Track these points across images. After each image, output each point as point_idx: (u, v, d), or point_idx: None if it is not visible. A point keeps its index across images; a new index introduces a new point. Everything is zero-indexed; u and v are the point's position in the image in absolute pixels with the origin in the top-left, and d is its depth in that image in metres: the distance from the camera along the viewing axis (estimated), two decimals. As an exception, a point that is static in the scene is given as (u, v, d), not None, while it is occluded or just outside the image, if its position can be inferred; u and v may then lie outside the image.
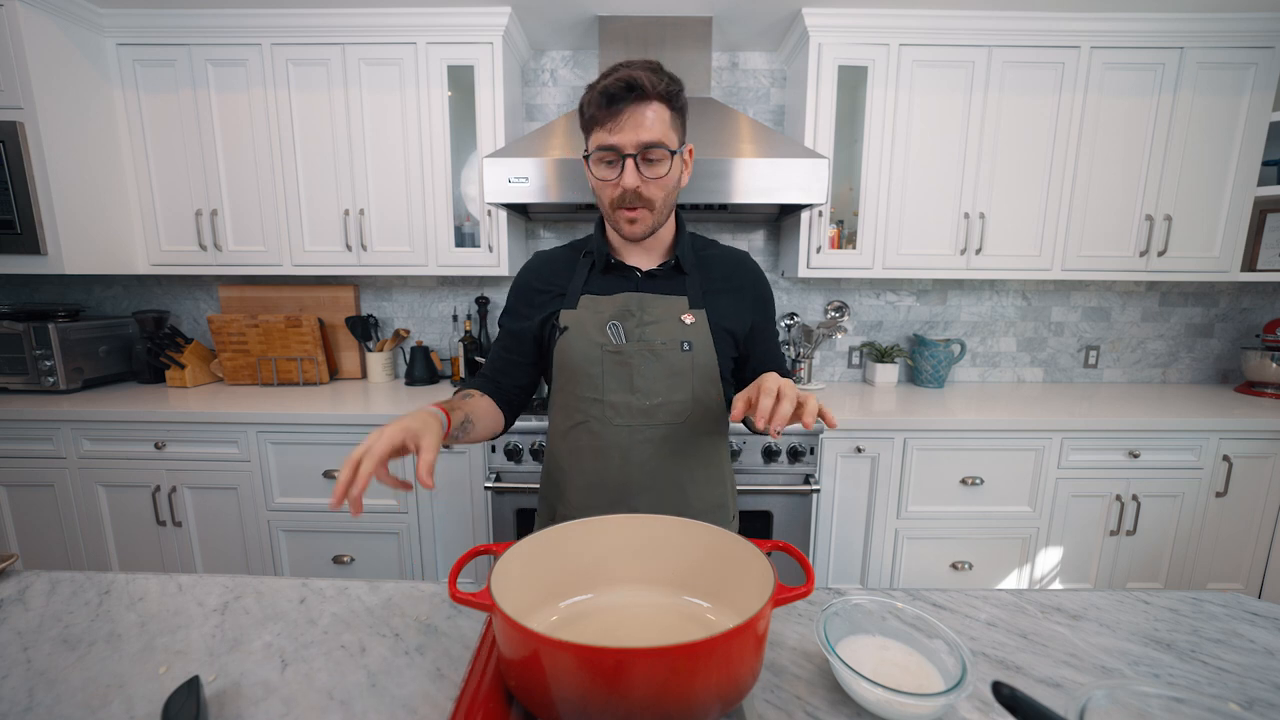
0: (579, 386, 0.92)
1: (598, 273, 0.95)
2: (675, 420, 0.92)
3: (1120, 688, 0.49)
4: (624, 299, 0.91)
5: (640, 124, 0.80)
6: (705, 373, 0.92)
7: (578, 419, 0.93)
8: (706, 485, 0.97)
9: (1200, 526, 1.90)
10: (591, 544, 0.71)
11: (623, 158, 0.81)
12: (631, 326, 0.90)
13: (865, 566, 1.93)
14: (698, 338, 0.91)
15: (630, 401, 0.90)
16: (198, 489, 1.89)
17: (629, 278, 0.94)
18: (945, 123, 1.98)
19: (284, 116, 1.99)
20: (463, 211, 2.14)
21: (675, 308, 0.92)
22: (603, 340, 0.90)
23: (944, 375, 2.31)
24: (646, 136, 0.80)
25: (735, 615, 0.63)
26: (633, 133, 0.80)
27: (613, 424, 0.91)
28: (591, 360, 0.90)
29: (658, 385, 0.90)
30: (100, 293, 2.45)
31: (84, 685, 0.63)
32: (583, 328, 0.91)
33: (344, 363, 2.40)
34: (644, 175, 0.83)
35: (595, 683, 0.48)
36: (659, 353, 0.90)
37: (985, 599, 0.81)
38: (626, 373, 0.90)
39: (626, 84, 0.79)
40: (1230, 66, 1.94)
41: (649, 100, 0.80)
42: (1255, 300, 2.39)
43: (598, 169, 0.85)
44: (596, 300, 0.92)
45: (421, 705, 0.60)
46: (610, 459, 0.92)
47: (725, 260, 0.99)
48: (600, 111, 0.81)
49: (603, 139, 0.82)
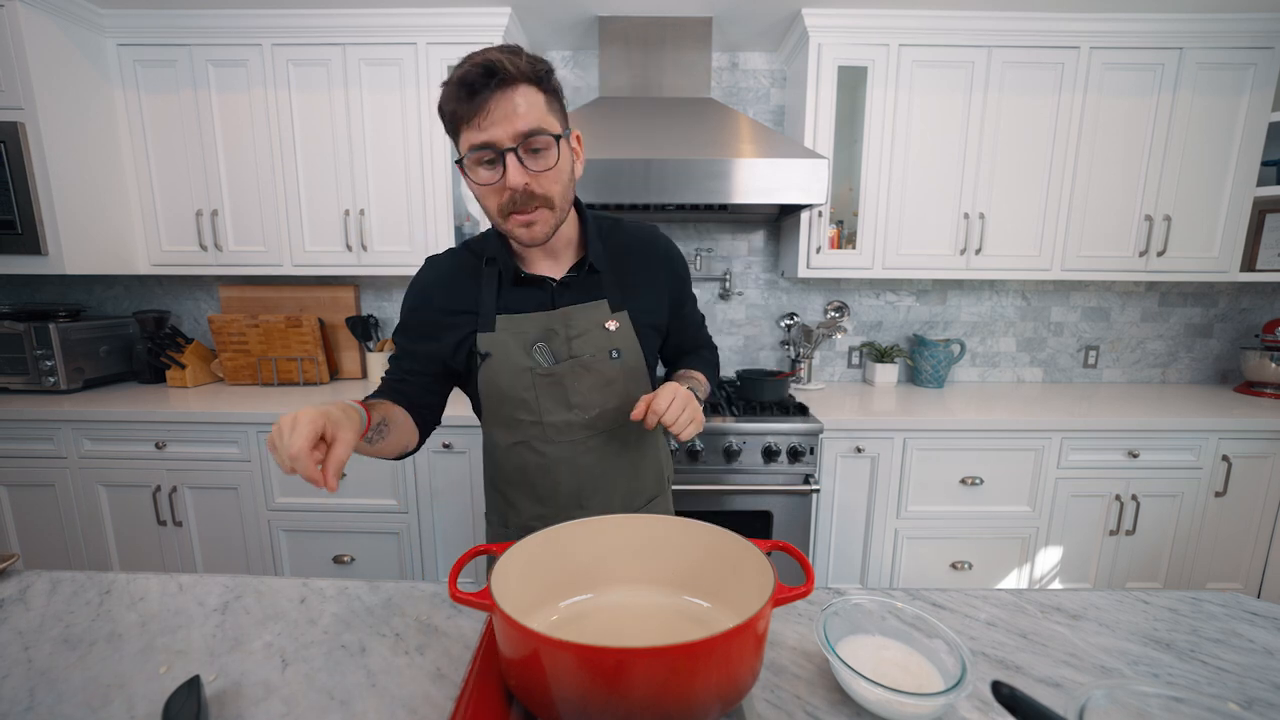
0: (513, 409, 0.88)
1: (508, 286, 0.86)
2: (612, 425, 0.91)
3: (1120, 687, 0.49)
4: (544, 318, 0.85)
5: (512, 112, 0.69)
6: (634, 374, 0.91)
7: (518, 437, 0.90)
8: (647, 470, 0.99)
9: (1200, 526, 1.90)
10: (591, 544, 0.71)
11: (501, 154, 0.71)
12: (558, 345, 0.86)
13: (865, 566, 1.93)
14: (624, 342, 0.89)
15: (569, 419, 0.88)
16: (198, 489, 1.89)
17: (544, 289, 0.87)
18: (945, 123, 1.98)
19: (284, 116, 1.99)
20: (463, 211, 2.14)
21: (598, 315, 0.87)
22: (531, 364, 0.85)
23: (944, 375, 2.31)
24: (523, 125, 0.70)
25: (735, 615, 0.63)
26: (506, 123, 0.69)
27: (554, 441, 0.89)
28: (523, 385, 0.86)
29: (593, 397, 0.88)
30: (101, 293, 2.45)
31: (85, 685, 0.63)
32: (506, 352, 0.85)
33: (344, 363, 2.40)
34: (530, 169, 0.72)
35: (595, 683, 0.48)
36: (589, 366, 0.87)
37: (985, 599, 0.81)
38: (561, 392, 0.87)
39: (485, 69, 0.68)
40: (1230, 67, 1.95)
41: (515, 84, 0.70)
42: (1255, 300, 2.39)
43: (476, 172, 0.73)
44: (514, 320, 0.85)
45: (421, 705, 0.60)
46: (558, 472, 0.91)
47: (636, 247, 0.93)
48: (462, 106, 0.70)
49: (474, 137, 0.71)
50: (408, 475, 1.86)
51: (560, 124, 0.76)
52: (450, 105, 0.72)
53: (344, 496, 1.88)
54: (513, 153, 0.71)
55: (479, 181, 0.74)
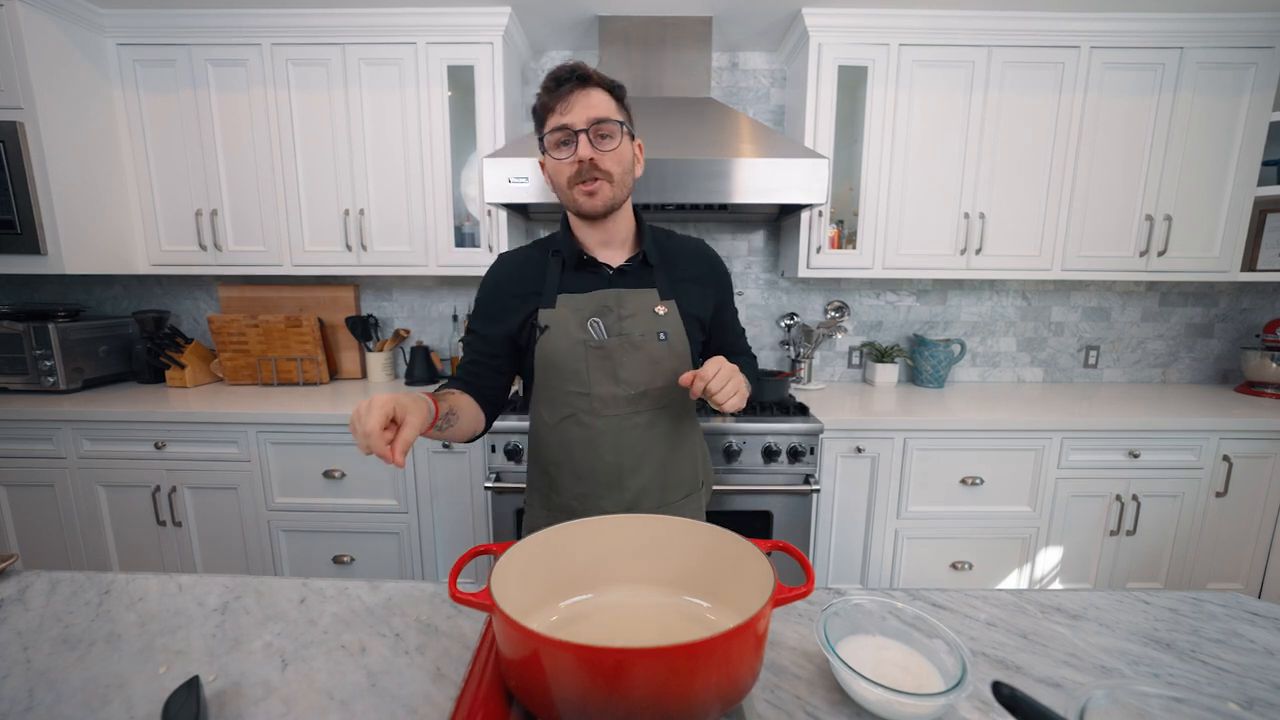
0: (564, 382, 0.96)
1: (570, 271, 0.98)
2: (656, 405, 0.98)
3: (1120, 688, 0.49)
4: (601, 296, 0.96)
5: (589, 104, 0.87)
6: (679, 358, 0.98)
7: (566, 412, 0.97)
8: (686, 460, 1.06)
9: (1200, 526, 1.90)
10: (591, 544, 0.71)
11: (576, 134, 0.87)
12: (611, 322, 0.95)
13: (865, 566, 1.93)
14: (671, 327, 0.97)
15: (615, 392, 0.96)
16: (198, 489, 1.89)
17: (601, 274, 0.98)
18: (945, 123, 1.98)
19: (284, 116, 1.99)
20: (463, 211, 2.14)
21: (649, 300, 0.97)
22: (585, 337, 0.95)
23: (944, 375, 2.31)
24: (595, 113, 0.87)
25: (735, 615, 0.63)
26: (582, 111, 0.87)
27: (601, 414, 0.96)
28: (575, 356, 0.95)
29: (639, 375, 0.96)
30: (100, 293, 2.45)
31: (84, 685, 0.63)
32: (564, 326, 0.95)
33: (344, 363, 2.40)
34: (597, 149, 0.88)
35: (595, 683, 0.48)
36: (638, 344, 0.95)
37: (985, 599, 0.81)
38: (610, 366, 0.95)
39: (572, 69, 0.88)
40: (1230, 66, 1.94)
41: (593, 85, 0.89)
42: (1255, 300, 2.39)
43: (554, 151, 0.90)
44: (574, 299, 0.96)
45: (421, 705, 0.60)
46: (601, 447, 0.97)
47: (686, 250, 1.05)
48: (550, 97, 0.88)
49: (555, 120, 0.88)
50: (407, 475, 1.86)
51: (627, 120, 0.92)
52: (542, 99, 0.90)
53: (344, 496, 1.88)
54: (584, 133, 0.87)
55: (555, 157, 0.90)
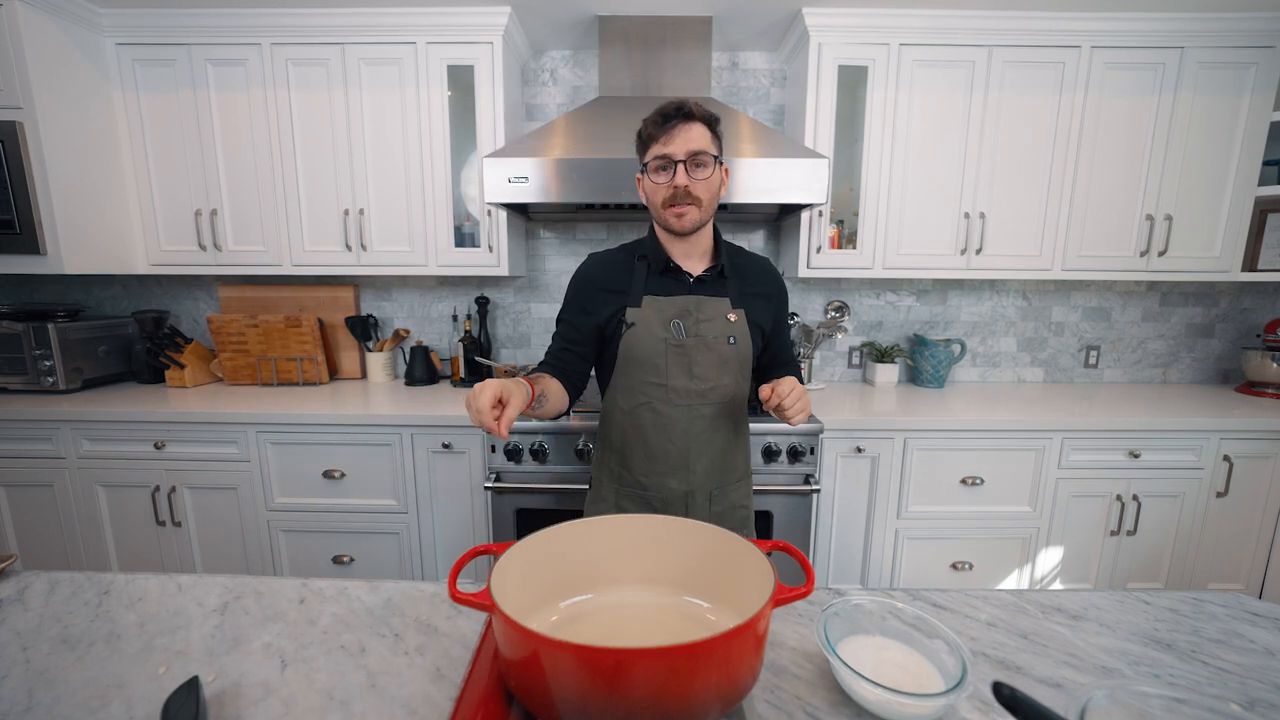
0: (644, 373, 1.09)
1: (655, 275, 1.11)
2: (722, 400, 1.11)
3: (1121, 688, 0.49)
4: (683, 301, 1.09)
5: (689, 137, 1.00)
6: (744, 361, 1.12)
7: (641, 400, 1.11)
8: (741, 450, 1.19)
9: (1201, 527, 1.90)
10: (591, 544, 0.71)
11: (675, 163, 1.00)
12: (690, 324, 1.08)
13: (865, 566, 1.93)
14: (740, 333, 1.11)
15: (688, 386, 1.09)
16: (197, 489, 1.89)
17: (683, 281, 1.11)
18: (945, 123, 1.98)
19: (284, 116, 1.99)
20: (463, 211, 2.13)
21: (722, 308, 1.11)
22: (667, 335, 1.08)
23: (944, 375, 2.31)
24: (694, 145, 1.00)
25: (735, 615, 0.63)
26: (683, 143, 1.00)
27: (674, 404, 1.09)
28: (657, 352, 1.08)
29: (710, 372, 1.09)
30: (100, 293, 2.45)
31: (83, 685, 0.62)
32: (648, 324, 1.08)
33: (344, 363, 2.40)
34: (692, 177, 1.01)
35: (595, 683, 0.48)
36: (711, 346, 1.09)
37: (985, 599, 0.81)
38: (686, 362, 1.08)
39: (678, 106, 1.00)
40: (1230, 66, 1.94)
41: (695, 120, 1.01)
42: (1256, 300, 2.39)
43: (654, 176, 1.03)
44: (658, 300, 1.09)
45: (421, 705, 0.60)
46: (672, 433, 1.10)
47: (754, 267, 1.19)
48: (656, 129, 1.01)
49: (658, 150, 1.01)
50: (407, 475, 1.86)
51: (719, 151, 1.05)
52: (649, 130, 1.03)
53: (344, 496, 1.88)
54: (683, 163, 1.00)
55: (655, 181, 1.04)
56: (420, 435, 1.83)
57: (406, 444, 1.83)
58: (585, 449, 1.71)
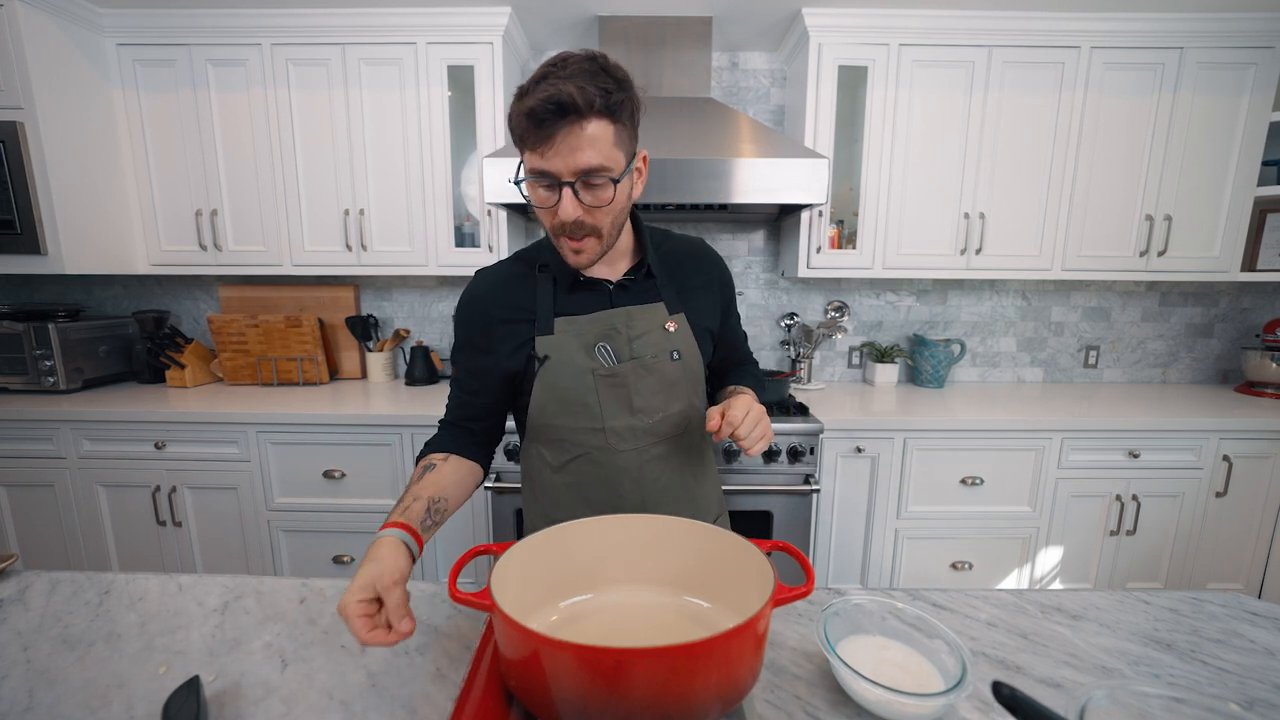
0: (573, 417, 0.85)
1: (563, 291, 0.85)
2: (675, 432, 0.89)
3: (1120, 688, 0.49)
4: (606, 317, 0.84)
5: (576, 147, 0.69)
6: (693, 377, 0.89)
7: (575, 453, 0.87)
8: (707, 484, 0.97)
9: (1200, 526, 1.90)
10: (591, 544, 0.71)
11: (560, 185, 0.71)
12: (621, 345, 0.84)
13: (865, 566, 1.93)
14: (684, 344, 0.87)
15: (632, 423, 0.85)
16: (198, 489, 1.89)
17: (600, 291, 0.85)
18: (945, 123, 1.98)
19: (284, 116, 1.99)
20: (463, 211, 2.13)
21: (657, 316, 0.86)
22: (593, 365, 0.83)
23: (944, 375, 2.31)
24: (584, 162, 0.69)
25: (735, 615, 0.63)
26: (569, 157, 0.69)
27: (618, 450, 0.85)
28: (584, 388, 0.83)
29: (655, 401, 0.86)
30: (100, 293, 2.45)
31: (84, 685, 0.63)
32: (567, 353, 0.83)
33: (344, 363, 2.40)
34: (585, 204, 0.73)
35: (595, 683, 0.48)
36: (651, 367, 0.85)
37: (985, 599, 0.81)
38: (624, 394, 0.84)
39: (556, 105, 0.66)
40: (1230, 66, 1.94)
41: (585, 119, 0.68)
42: (1255, 300, 2.39)
43: (534, 193, 0.75)
44: (574, 322, 0.83)
45: (421, 705, 0.60)
46: (621, 485, 0.87)
47: (687, 253, 0.93)
48: (529, 133, 0.70)
49: (535, 163, 0.71)
50: (407, 475, 1.86)
51: (626, 155, 0.75)
52: (519, 129, 0.71)
53: (344, 496, 1.88)
54: (570, 186, 0.71)
55: (536, 202, 0.76)
56: (420, 435, 1.83)
57: (407, 444, 1.83)
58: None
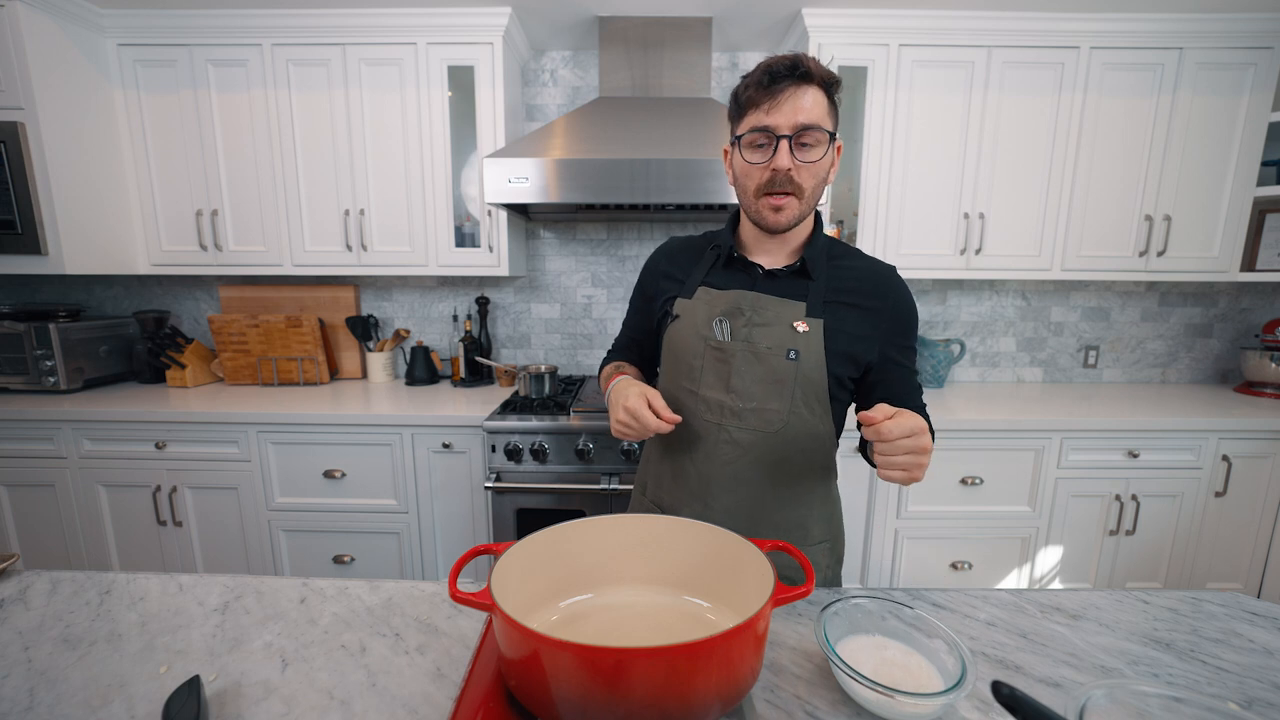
0: (679, 375, 0.92)
1: (720, 266, 0.92)
2: (766, 429, 0.86)
3: (1120, 687, 0.49)
4: (736, 296, 0.88)
5: (799, 106, 0.77)
6: (811, 388, 0.85)
7: (674, 407, 0.89)
8: (791, 504, 0.91)
9: (1199, 526, 1.90)
10: (591, 544, 0.71)
11: (777, 139, 0.78)
12: (738, 325, 0.87)
13: (865, 566, 1.93)
14: (808, 348, 0.84)
15: (724, 400, 0.87)
16: (198, 489, 1.89)
17: (751, 274, 0.90)
18: (945, 123, 1.98)
19: (284, 116, 1.99)
20: (463, 211, 2.13)
21: (789, 312, 0.85)
22: (707, 334, 0.88)
23: (944, 375, 2.31)
24: (804, 118, 0.77)
25: (735, 615, 0.63)
26: (790, 113, 0.77)
27: (702, 417, 0.89)
28: (694, 352, 0.89)
29: (754, 389, 0.86)
30: (101, 293, 2.45)
31: (85, 685, 0.63)
32: (692, 318, 0.90)
33: (344, 363, 2.40)
34: (797, 159, 0.79)
35: (595, 683, 0.48)
36: (761, 356, 0.85)
37: (985, 599, 0.81)
38: (725, 370, 0.87)
39: (792, 63, 0.77)
40: (1229, 67, 1.95)
41: (810, 83, 0.78)
42: (1254, 300, 2.39)
43: (748, 152, 0.81)
44: (711, 293, 0.90)
45: (421, 705, 0.60)
46: (694, 452, 0.90)
47: (861, 272, 0.89)
48: (759, 92, 0.78)
49: (758, 119, 0.79)
50: (408, 475, 1.86)
51: (832, 129, 0.81)
52: (749, 91, 0.80)
53: (344, 496, 1.88)
54: (787, 139, 0.78)
55: (748, 160, 0.82)
56: (420, 435, 1.83)
57: (407, 444, 1.84)
58: (585, 449, 1.72)
